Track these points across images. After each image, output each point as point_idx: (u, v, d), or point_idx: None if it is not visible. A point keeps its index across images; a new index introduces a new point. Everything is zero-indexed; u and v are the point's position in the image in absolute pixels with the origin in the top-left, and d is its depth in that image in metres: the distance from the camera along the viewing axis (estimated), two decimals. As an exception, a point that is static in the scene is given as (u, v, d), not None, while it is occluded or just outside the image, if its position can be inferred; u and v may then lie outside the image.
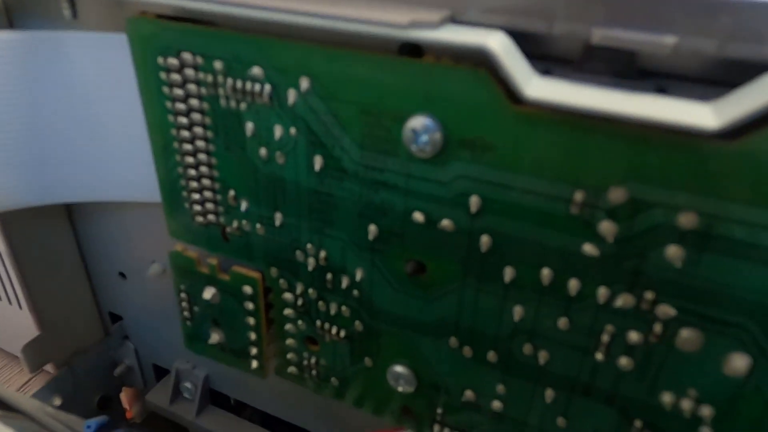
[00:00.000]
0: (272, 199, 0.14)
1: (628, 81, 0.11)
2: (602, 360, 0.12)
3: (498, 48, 0.10)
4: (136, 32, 0.13)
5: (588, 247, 0.11)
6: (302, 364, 0.17)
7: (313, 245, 0.14)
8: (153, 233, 0.19)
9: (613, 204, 0.10)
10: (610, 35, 0.10)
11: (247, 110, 0.13)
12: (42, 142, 0.16)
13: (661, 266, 0.10)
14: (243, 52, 0.12)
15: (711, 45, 0.10)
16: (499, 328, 0.13)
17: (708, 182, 0.09)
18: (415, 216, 0.12)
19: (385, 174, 0.12)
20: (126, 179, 0.16)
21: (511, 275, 0.12)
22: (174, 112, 0.14)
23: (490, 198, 0.11)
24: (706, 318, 0.11)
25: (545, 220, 0.11)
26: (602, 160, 0.10)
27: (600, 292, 0.11)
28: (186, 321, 0.18)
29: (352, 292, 0.14)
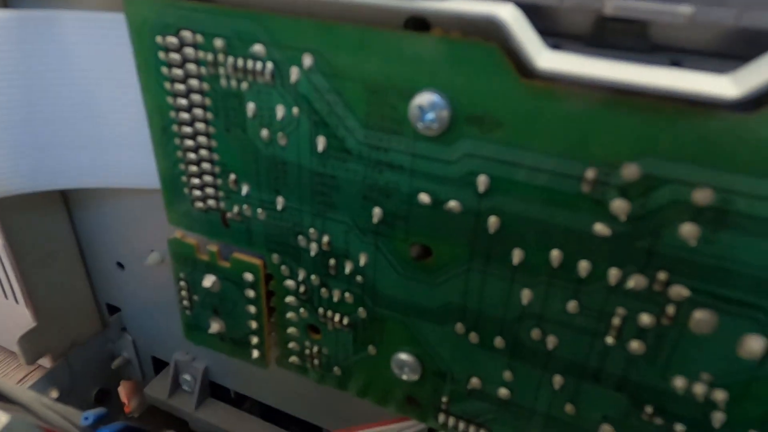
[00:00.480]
0: (274, 182, 0.14)
1: (641, 56, 0.10)
2: (613, 344, 0.12)
3: (509, 18, 0.09)
4: (133, 10, 0.13)
5: (599, 227, 0.11)
6: (304, 353, 0.17)
7: (315, 230, 0.14)
8: (151, 221, 0.19)
9: (626, 181, 0.10)
10: (624, 5, 0.09)
11: (249, 90, 0.13)
12: (37, 126, 0.15)
13: (675, 245, 0.10)
14: (244, 29, 0.12)
15: (728, 15, 0.09)
16: (506, 312, 0.13)
17: (725, 156, 0.09)
18: (420, 197, 0.12)
19: (389, 154, 0.12)
20: (124, 164, 0.16)
21: (520, 257, 0.12)
22: (173, 94, 0.14)
23: (499, 177, 0.11)
24: (721, 298, 0.10)
25: (555, 199, 0.11)
26: (615, 135, 0.10)
27: (611, 274, 0.11)
28: (185, 310, 0.18)
29: (356, 278, 0.14)
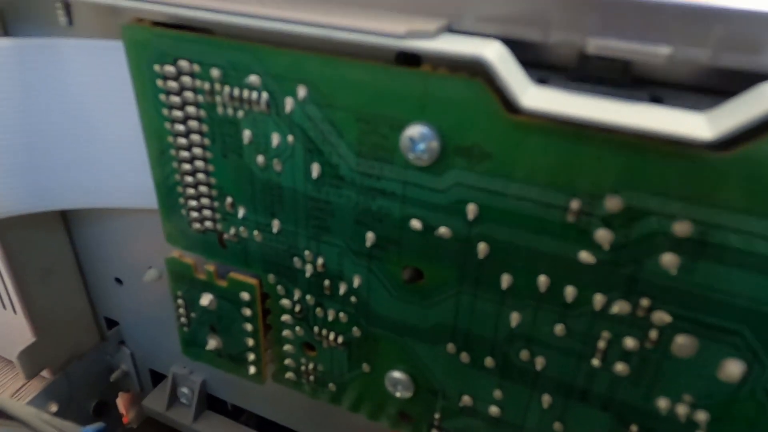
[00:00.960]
0: (270, 206, 0.14)
1: (623, 90, 0.11)
2: (598, 366, 0.12)
3: (494, 58, 0.10)
4: (131, 40, 0.13)
5: (584, 255, 0.11)
6: (300, 369, 0.17)
7: (310, 252, 0.14)
8: (149, 239, 0.19)
9: (609, 212, 0.10)
10: (605, 45, 0.10)
11: (245, 118, 0.13)
12: (38, 149, 0.16)
13: (657, 273, 0.11)
14: (240, 60, 0.12)
15: (704, 54, 0.10)
16: (496, 334, 0.13)
17: (702, 191, 0.10)
18: (412, 223, 0.12)
19: (382, 181, 0.12)
20: (122, 185, 0.16)
21: (508, 282, 0.12)
22: (171, 120, 0.14)
23: (487, 205, 0.12)
24: (701, 324, 0.11)
25: (542, 227, 0.11)
26: (598, 168, 0.10)
27: (596, 299, 0.11)
28: (183, 327, 0.18)
29: (350, 299, 0.14)
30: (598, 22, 0.10)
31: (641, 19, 0.10)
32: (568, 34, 0.10)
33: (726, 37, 0.09)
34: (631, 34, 0.10)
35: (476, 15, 0.11)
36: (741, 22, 0.09)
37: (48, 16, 0.15)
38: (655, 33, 0.10)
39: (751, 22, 0.09)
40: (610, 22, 0.10)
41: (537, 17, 0.10)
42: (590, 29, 0.10)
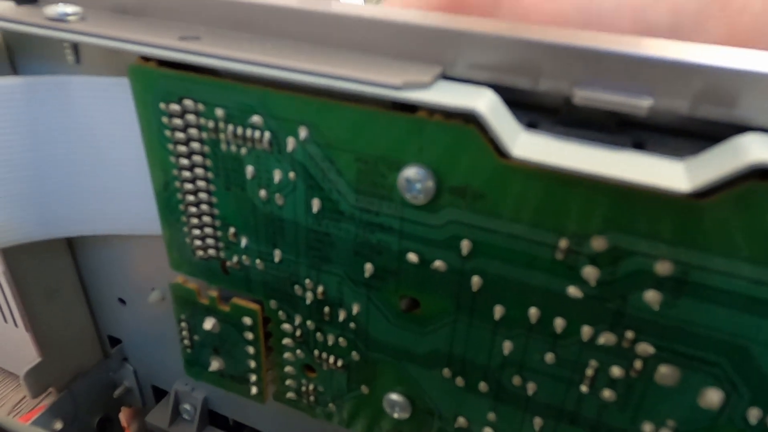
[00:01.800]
0: (271, 236, 0.15)
1: (607, 135, 0.11)
2: (587, 392, 0.13)
3: (486, 111, 0.10)
4: (137, 79, 0.14)
5: (572, 290, 0.12)
6: (300, 390, 0.17)
7: (311, 280, 0.15)
8: (152, 262, 0.20)
9: (595, 251, 0.11)
10: (591, 96, 0.10)
11: (248, 155, 0.14)
12: (45, 180, 0.16)
13: (641, 308, 0.11)
14: (243, 102, 0.13)
15: (684, 106, 0.10)
16: (489, 360, 0.14)
17: (681, 234, 0.10)
18: (409, 256, 0.13)
19: (380, 217, 0.13)
20: (127, 213, 0.17)
21: (501, 313, 0.13)
22: (175, 154, 0.15)
23: (480, 242, 0.12)
24: (683, 356, 0.11)
25: (532, 263, 0.12)
26: (584, 211, 0.11)
27: (584, 331, 0.12)
28: (186, 348, 0.19)
29: (349, 325, 0.15)
30: (585, 73, 0.11)
31: (625, 71, 0.10)
32: (556, 83, 0.11)
33: (703, 90, 0.10)
34: (615, 86, 0.10)
35: (468, 63, 0.11)
36: (717, 78, 0.10)
37: (56, 55, 0.15)
38: (637, 85, 0.10)
39: (726, 78, 0.10)
40: (596, 73, 0.11)
41: (526, 67, 0.11)
42: (577, 80, 0.11)
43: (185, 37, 0.13)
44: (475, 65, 0.11)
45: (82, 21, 0.14)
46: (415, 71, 0.11)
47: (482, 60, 0.11)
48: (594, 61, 0.10)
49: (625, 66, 0.10)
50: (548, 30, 0.11)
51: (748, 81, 0.10)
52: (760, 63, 0.10)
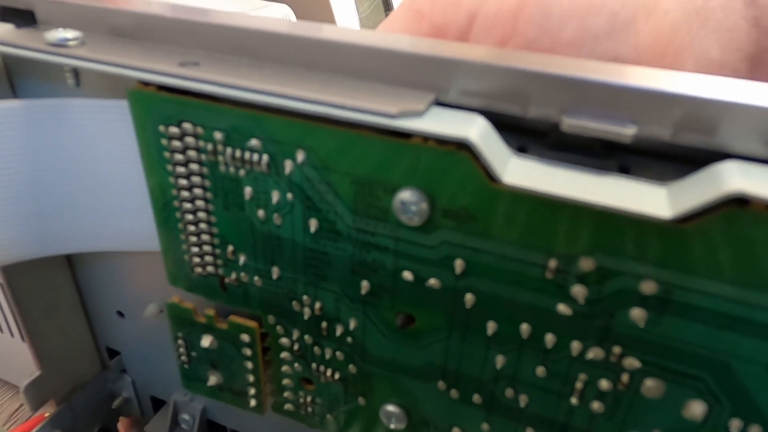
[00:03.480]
0: (269, 254, 0.15)
1: (594, 159, 0.12)
2: (576, 404, 0.13)
3: (478, 140, 0.11)
4: (137, 103, 0.14)
5: (562, 307, 0.12)
6: (298, 401, 0.18)
7: (308, 297, 0.15)
8: (150, 275, 0.20)
9: (583, 271, 0.12)
10: (578, 124, 0.11)
11: (246, 176, 0.14)
12: (45, 200, 0.16)
13: (627, 325, 0.12)
14: (242, 126, 0.13)
15: (666, 133, 0.11)
16: (483, 374, 0.14)
17: (664, 256, 0.11)
18: (404, 274, 0.13)
19: (376, 237, 0.13)
20: (126, 231, 0.17)
21: (493, 329, 0.13)
22: (175, 175, 0.15)
23: (473, 262, 0.13)
24: (667, 370, 0.12)
25: (523, 282, 0.12)
26: (572, 233, 0.11)
27: (573, 346, 0.12)
28: (184, 365, 0.19)
29: (346, 339, 0.15)
30: (571, 101, 0.11)
31: (609, 100, 0.11)
32: (545, 111, 0.11)
33: (684, 119, 0.10)
34: (600, 114, 0.11)
35: (460, 90, 0.12)
36: (697, 107, 0.10)
37: (56, 78, 0.15)
38: (622, 113, 0.11)
39: (705, 108, 0.10)
40: (582, 102, 0.11)
41: (516, 95, 0.11)
42: (564, 108, 0.11)
43: (185, 63, 0.13)
44: (467, 92, 0.12)
45: (83, 46, 0.14)
46: (409, 98, 0.12)
47: (474, 87, 0.12)
48: (580, 90, 0.11)
49: (609, 95, 0.11)
50: (537, 59, 0.12)
51: (726, 110, 0.10)
52: (738, 93, 0.10)
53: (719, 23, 0.14)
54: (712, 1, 0.14)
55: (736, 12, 0.14)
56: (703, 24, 0.14)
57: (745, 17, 0.14)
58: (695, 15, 0.14)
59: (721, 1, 0.14)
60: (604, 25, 0.14)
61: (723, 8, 0.14)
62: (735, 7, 0.14)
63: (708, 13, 0.14)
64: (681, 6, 0.14)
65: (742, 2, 0.14)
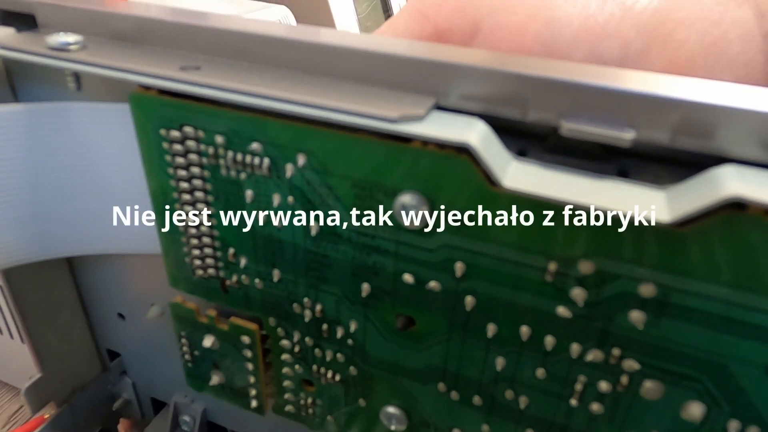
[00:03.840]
0: (270, 257, 0.15)
1: (593, 163, 0.12)
2: (576, 405, 0.13)
3: (478, 144, 0.11)
4: (138, 107, 0.14)
5: (561, 309, 0.12)
6: (299, 403, 0.18)
7: (309, 299, 0.15)
8: (151, 278, 0.20)
9: (583, 274, 0.12)
10: (577, 128, 0.11)
11: (247, 179, 0.14)
12: (46, 203, 0.16)
13: (626, 327, 0.12)
14: (243, 129, 0.13)
15: (664, 137, 0.11)
16: (483, 375, 0.14)
17: (663, 259, 0.11)
18: (404, 277, 0.14)
19: (376, 240, 0.13)
20: (127, 234, 0.17)
21: (493, 331, 0.13)
22: (176, 178, 0.15)
23: (473, 264, 0.13)
24: (666, 372, 0.12)
25: (523, 285, 0.12)
26: (571, 237, 0.11)
27: (573, 348, 0.13)
28: (187, 363, 0.19)
29: (347, 341, 0.16)
30: (570, 105, 0.11)
31: (608, 105, 0.11)
32: (544, 115, 0.11)
33: (682, 123, 0.11)
34: (599, 118, 0.11)
35: (460, 94, 0.12)
36: (694, 112, 0.10)
37: (57, 81, 0.16)
38: (620, 118, 0.11)
39: (702, 112, 0.10)
40: (581, 106, 0.11)
41: (515, 99, 0.12)
42: (563, 112, 0.11)
43: (186, 67, 0.13)
44: (467, 96, 0.12)
45: (84, 50, 0.14)
46: (409, 103, 0.12)
47: (474, 92, 0.12)
48: (579, 95, 0.11)
49: (608, 99, 0.11)
50: (536, 63, 0.12)
51: (723, 115, 0.10)
52: (734, 98, 0.10)
53: (736, 57, 0.13)
54: (729, 33, 0.13)
55: (755, 45, 0.13)
56: (719, 58, 0.13)
57: (763, 51, 0.13)
58: (712, 47, 0.13)
59: (739, 34, 0.13)
60: (616, 52, 0.14)
61: (741, 41, 0.13)
62: (753, 41, 0.13)
63: (725, 46, 0.13)
64: (698, 38, 0.13)
65: (760, 36, 0.13)
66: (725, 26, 0.14)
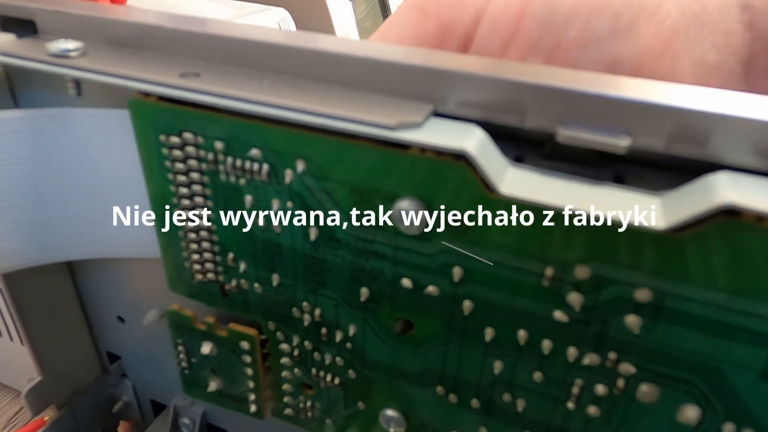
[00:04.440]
0: (270, 262, 0.15)
1: (590, 169, 0.12)
2: (573, 408, 0.13)
3: (475, 151, 0.11)
4: (138, 113, 0.14)
5: (558, 314, 0.12)
6: (298, 406, 0.18)
7: (308, 303, 0.15)
8: (151, 281, 0.20)
9: (579, 279, 0.12)
10: (573, 135, 0.11)
11: (246, 185, 0.14)
12: (46, 208, 0.16)
13: (622, 332, 0.12)
14: (242, 136, 0.13)
15: (659, 144, 0.11)
16: (480, 379, 0.14)
17: (658, 265, 0.11)
18: (403, 282, 0.14)
19: (375, 245, 0.14)
20: (127, 238, 0.17)
21: (491, 335, 0.13)
22: (175, 183, 0.15)
23: (471, 269, 0.13)
24: (662, 375, 0.12)
25: (521, 290, 0.12)
26: (568, 243, 0.11)
27: (570, 352, 0.13)
28: (184, 370, 0.19)
29: (346, 345, 0.16)
30: (567, 113, 0.11)
31: (604, 112, 0.11)
32: (541, 122, 0.12)
33: (676, 130, 0.11)
34: (595, 125, 0.11)
35: (458, 101, 0.12)
36: (689, 119, 0.10)
37: (57, 87, 0.16)
38: (616, 125, 0.11)
39: (697, 120, 0.10)
40: (577, 113, 0.11)
41: (512, 106, 0.12)
42: (560, 119, 0.11)
43: (186, 74, 0.13)
44: (464, 103, 0.12)
45: (84, 56, 0.14)
46: (407, 109, 0.12)
47: (471, 98, 0.12)
48: (575, 102, 0.11)
49: (603, 107, 0.11)
50: (532, 70, 0.12)
51: (717, 122, 0.10)
52: (729, 106, 0.10)
53: (716, 27, 0.14)
54: (710, 5, 0.14)
55: (733, 16, 0.14)
56: (701, 28, 0.14)
57: (741, 21, 0.14)
58: (693, 19, 0.14)
59: (718, 5, 0.14)
60: (607, 26, 0.14)
61: (720, 12, 0.14)
62: (731, 11, 0.14)
63: (706, 17, 0.14)
64: (680, 11, 0.14)
65: (738, 6, 0.14)
66: None
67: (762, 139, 0.10)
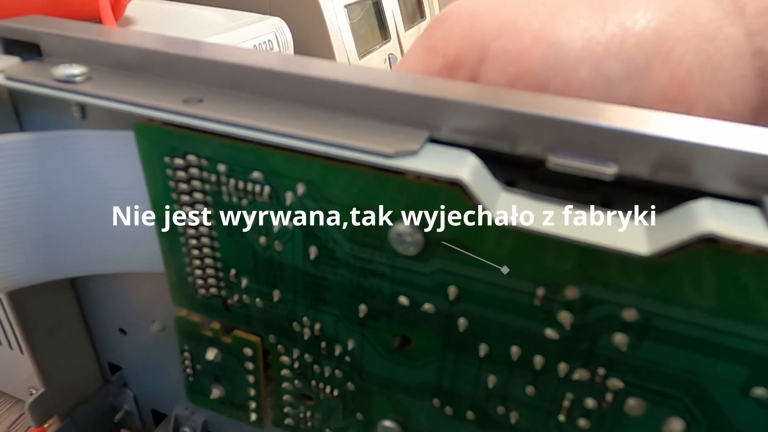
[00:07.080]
0: (271, 278, 0.16)
1: (579, 193, 0.12)
2: (564, 421, 0.14)
3: (469, 180, 0.11)
4: (143, 136, 0.15)
5: (549, 331, 0.13)
6: (298, 416, 0.18)
7: (308, 318, 0.16)
8: (153, 295, 0.20)
9: (569, 299, 0.12)
10: (562, 162, 0.12)
11: (248, 205, 0.15)
12: (50, 228, 0.17)
13: (610, 349, 0.12)
14: (245, 159, 0.14)
15: (645, 171, 0.11)
16: (475, 392, 0.15)
17: (644, 287, 0.11)
18: (400, 299, 0.14)
19: (373, 264, 0.14)
20: (131, 255, 0.18)
21: (485, 350, 0.14)
22: (179, 203, 0.15)
23: (466, 289, 0.13)
24: (648, 390, 0.13)
25: (513, 308, 0.13)
26: (557, 265, 0.12)
27: (560, 367, 0.13)
28: (189, 377, 0.19)
29: (345, 359, 0.16)
30: (556, 140, 0.12)
31: (591, 141, 0.12)
32: (532, 148, 0.12)
33: (661, 159, 0.11)
34: (583, 153, 0.12)
35: (452, 128, 0.13)
36: (672, 149, 0.11)
37: (62, 110, 0.16)
38: (603, 153, 0.12)
39: (680, 149, 0.11)
40: (566, 141, 0.12)
41: (504, 133, 0.12)
42: (550, 146, 0.12)
43: (189, 100, 0.14)
44: (458, 130, 0.13)
45: (89, 81, 0.15)
46: (404, 136, 0.12)
47: (465, 125, 0.12)
48: (563, 130, 0.12)
49: (591, 135, 0.11)
50: (524, 99, 0.12)
51: (699, 152, 0.11)
52: (710, 136, 0.11)
53: (729, 73, 0.14)
54: (723, 49, 0.14)
55: (746, 62, 0.14)
56: (715, 74, 0.14)
57: (753, 67, 0.14)
58: (708, 62, 0.14)
59: (731, 50, 0.14)
60: (619, 70, 0.14)
61: (733, 58, 0.14)
62: (744, 57, 0.14)
63: (720, 62, 0.14)
64: (694, 54, 0.14)
65: (749, 53, 0.14)
66: (718, 42, 0.14)
67: (741, 167, 0.11)
